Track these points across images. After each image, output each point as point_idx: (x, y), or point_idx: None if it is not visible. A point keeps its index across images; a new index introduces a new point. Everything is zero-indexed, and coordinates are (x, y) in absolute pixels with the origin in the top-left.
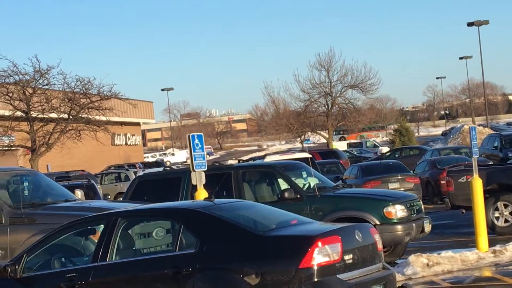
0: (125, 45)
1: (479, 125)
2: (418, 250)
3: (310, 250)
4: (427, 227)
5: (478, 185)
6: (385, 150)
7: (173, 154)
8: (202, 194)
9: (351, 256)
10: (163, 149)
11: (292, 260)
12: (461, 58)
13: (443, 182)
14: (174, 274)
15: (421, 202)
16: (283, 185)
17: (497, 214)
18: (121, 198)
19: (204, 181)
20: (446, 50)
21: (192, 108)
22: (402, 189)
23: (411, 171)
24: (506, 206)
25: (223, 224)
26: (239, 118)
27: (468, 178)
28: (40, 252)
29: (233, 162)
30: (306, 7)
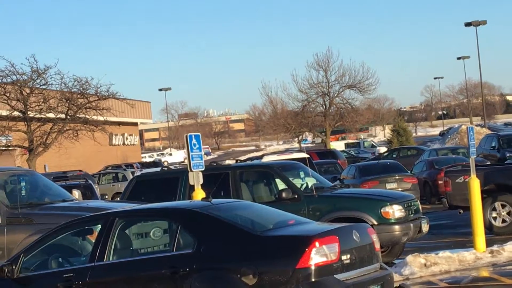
0: (123, 45)
1: (477, 125)
2: (416, 250)
3: (307, 250)
4: (425, 227)
5: (475, 185)
6: (382, 150)
7: (170, 154)
8: (199, 194)
9: (349, 256)
10: (161, 149)
11: (289, 260)
12: (458, 58)
13: (441, 182)
14: (172, 274)
15: (418, 202)
16: (281, 185)
17: (494, 214)
18: (118, 198)
19: (201, 181)
20: (444, 50)
21: (189, 108)
22: (400, 189)
23: (409, 171)
24: (503, 206)
25: (221, 224)
26: (237, 118)
27: (465, 178)
28: (37, 252)
29: (230, 162)
30: (304, 7)
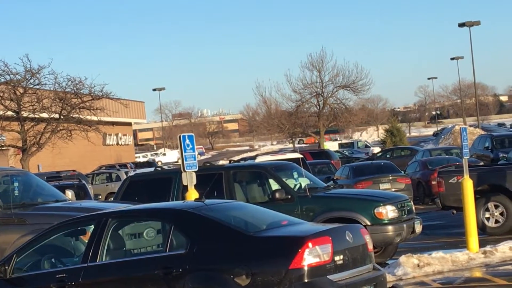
0: (116, 45)
1: (470, 125)
2: (409, 251)
3: (300, 250)
4: (418, 228)
5: (468, 185)
6: (376, 150)
7: (164, 154)
8: (193, 195)
9: (342, 257)
10: (155, 149)
11: (282, 260)
12: (452, 59)
13: (434, 182)
14: (165, 275)
15: (412, 203)
16: (274, 185)
17: (487, 215)
18: (112, 198)
19: (195, 181)
20: (437, 50)
21: (183, 108)
22: (393, 189)
23: (402, 172)
24: (496, 206)
25: (214, 224)
26: (231, 118)
27: (459, 178)
28: (30, 252)
29: (224, 162)
30: (298, 7)
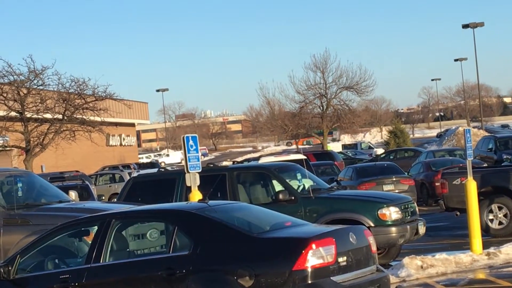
0: (120, 45)
1: (474, 127)
2: (412, 252)
3: (304, 252)
4: (421, 229)
5: (472, 187)
6: (380, 152)
7: (167, 155)
8: (196, 196)
9: (345, 258)
10: (158, 150)
11: (286, 262)
12: (456, 60)
13: (438, 184)
14: (168, 276)
15: (415, 204)
16: (278, 186)
17: (491, 216)
18: (115, 199)
19: (198, 182)
20: (441, 52)
21: (187, 109)
22: (397, 191)
23: (406, 173)
24: (500, 208)
25: (217, 226)
26: (234, 119)
27: (462, 180)
28: (33, 253)
29: (227, 163)
30: (302, 8)
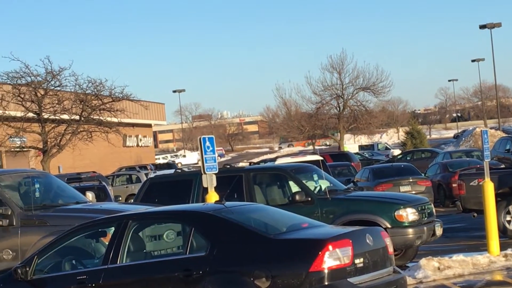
0: (137, 46)
1: (491, 128)
2: (429, 254)
3: (320, 253)
4: (438, 231)
5: (489, 188)
6: (396, 152)
7: (184, 156)
8: (213, 197)
9: (362, 259)
10: (175, 150)
11: (302, 263)
12: (473, 61)
13: (455, 185)
14: (185, 277)
15: (432, 205)
16: (294, 187)
17: (508, 218)
18: (132, 200)
19: (215, 183)
20: (458, 52)
21: (203, 109)
22: (414, 192)
23: (423, 174)
24: None
25: (234, 227)
26: (251, 120)
27: (479, 181)
28: (50, 254)
29: (244, 164)
30: (318, 9)
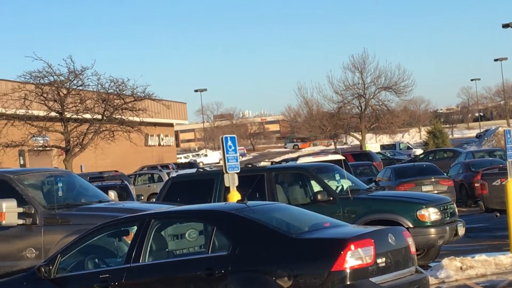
0: (159, 46)
1: None
2: (452, 254)
3: (343, 253)
4: (461, 230)
5: None
6: (418, 152)
7: (206, 155)
8: (235, 196)
9: (384, 259)
10: (196, 150)
11: (324, 263)
12: (496, 60)
13: (477, 185)
14: (207, 276)
15: (454, 205)
16: (316, 187)
17: None
18: (154, 199)
19: (237, 183)
20: (480, 51)
21: (225, 109)
22: (436, 191)
23: (445, 174)
24: None
25: (256, 226)
26: (272, 119)
27: (502, 181)
28: (73, 252)
29: (266, 163)
30: (339, 9)
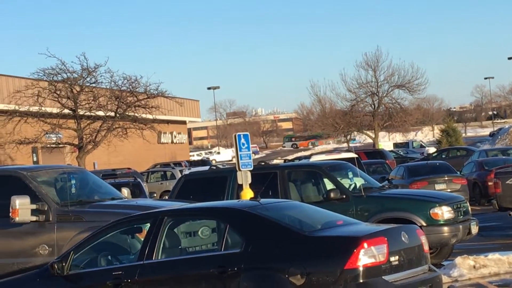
0: (172, 43)
1: None
2: (465, 252)
3: (356, 251)
4: (474, 229)
5: None
6: (431, 150)
7: (218, 153)
8: (248, 194)
9: (397, 257)
10: (209, 147)
11: (337, 260)
12: (509, 58)
13: (491, 183)
14: (220, 274)
15: (468, 204)
16: (329, 185)
17: None
18: (167, 197)
19: (250, 180)
20: (494, 50)
21: (238, 107)
22: (449, 190)
23: (458, 172)
24: None
25: (269, 224)
26: (285, 117)
27: None
28: (87, 249)
29: (278, 161)
30: (353, 7)
